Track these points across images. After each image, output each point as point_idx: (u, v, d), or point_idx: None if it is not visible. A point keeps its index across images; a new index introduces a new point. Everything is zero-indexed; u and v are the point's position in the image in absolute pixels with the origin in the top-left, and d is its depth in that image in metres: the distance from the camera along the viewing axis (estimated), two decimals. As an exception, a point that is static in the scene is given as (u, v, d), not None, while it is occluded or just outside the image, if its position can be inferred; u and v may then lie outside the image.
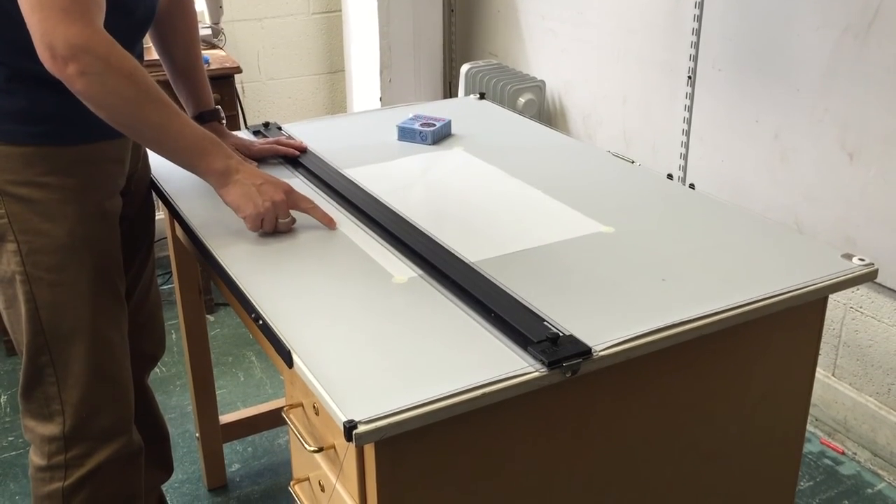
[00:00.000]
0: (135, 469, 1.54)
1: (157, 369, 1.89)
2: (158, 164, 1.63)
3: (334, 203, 1.53)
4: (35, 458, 1.48)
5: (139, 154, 1.57)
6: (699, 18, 2.40)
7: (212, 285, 2.86)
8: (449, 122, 1.88)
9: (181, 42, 1.64)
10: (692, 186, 1.63)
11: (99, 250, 1.42)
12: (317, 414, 1.14)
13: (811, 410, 2.06)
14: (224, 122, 1.72)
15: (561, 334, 1.09)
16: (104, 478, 1.48)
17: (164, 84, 2.53)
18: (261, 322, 1.16)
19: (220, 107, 1.72)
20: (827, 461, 2.26)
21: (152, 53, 1.74)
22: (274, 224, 1.39)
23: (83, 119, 1.32)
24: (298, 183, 1.61)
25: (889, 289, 2.11)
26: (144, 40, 1.52)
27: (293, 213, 1.42)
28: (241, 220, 1.38)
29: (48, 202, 1.35)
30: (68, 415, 1.44)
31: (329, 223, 1.43)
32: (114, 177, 1.46)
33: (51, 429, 1.45)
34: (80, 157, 1.38)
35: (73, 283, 1.39)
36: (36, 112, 1.33)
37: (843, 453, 2.28)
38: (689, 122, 2.51)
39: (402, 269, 1.29)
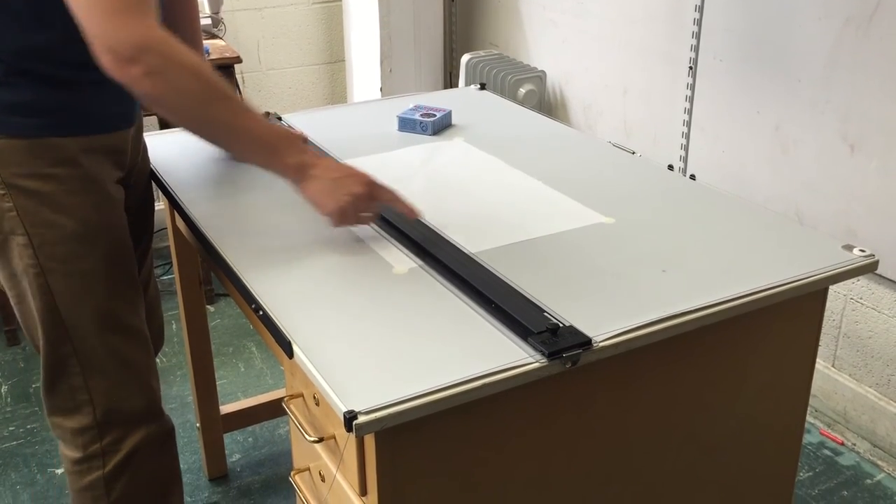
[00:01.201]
0: (170, 450, 1.55)
1: (157, 359, 1.90)
2: (158, 155, 1.62)
3: (334, 193, 1.52)
4: (68, 453, 1.46)
5: (139, 147, 1.56)
6: (700, 9, 2.39)
7: (212, 276, 2.86)
8: (449, 113, 1.88)
9: (183, 33, 1.63)
10: (693, 177, 1.63)
11: (111, 237, 1.41)
12: (317, 404, 1.14)
13: (811, 401, 2.06)
14: None
15: (561, 325, 1.09)
16: (142, 460, 1.48)
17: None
18: (261, 312, 1.16)
19: None
20: (826, 452, 2.26)
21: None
22: (355, 218, 1.33)
23: (86, 110, 1.31)
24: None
25: (889, 280, 2.11)
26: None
27: None
28: (236, 208, 1.38)
29: (57, 193, 1.33)
30: (98, 402, 1.42)
31: (411, 214, 1.36)
32: (117, 167, 1.45)
33: (80, 420, 1.43)
34: (85, 147, 1.36)
35: (89, 271, 1.38)
36: (40, 104, 1.31)
37: (842, 444, 2.28)
38: (689, 112, 2.50)
39: (402, 260, 1.29)
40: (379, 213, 1.36)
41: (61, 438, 1.47)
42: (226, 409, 2.13)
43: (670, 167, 1.68)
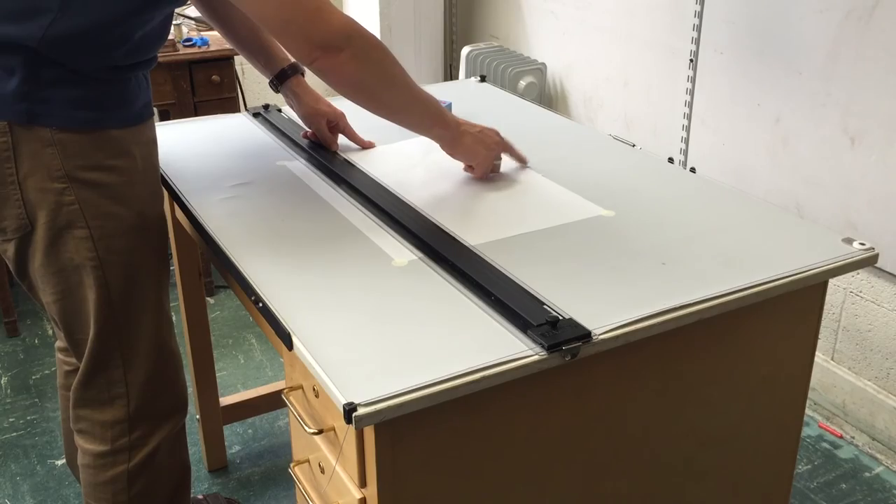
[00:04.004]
0: (185, 442, 1.60)
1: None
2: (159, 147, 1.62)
3: (334, 186, 1.52)
4: (92, 446, 1.47)
5: None
6: (701, 1, 2.39)
7: (212, 268, 2.86)
8: (450, 105, 1.87)
9: (238, 13, 1.62)
10: (693, 170, 1.63)
11: (160, 228, 1.44)
12: (317, 396, 1.14)
13: (810, 394, 2.07)
14: (304, 75, 1.70)
15: (561, 318, 1.09)
16: (164, 453, 1.50)
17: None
18: (261, 305, 1.16)
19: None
20: (825, 445, 2.26)
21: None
22: (493, 166, 1.54)
23: (132, 102, 1.34)
24: (299, 166, 1.61)
25: (889, 273, 2.11)
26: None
27: None
28: (236, 200, 1.37)
29: (117, 184, 1.34)
30: (133, 396, 1.44)
31: (522, 161, 1.60)
32: (156, 154, 1.47)
33: (112, 413, 1.45)
34: (137, 138, 1.37)
35: (142, 262, 1.40)
36: (101, 98, 1.31)
37: (841, 437, 2.29)
38: (690, 105, 2.50)
39: (401, 252, 1.29)
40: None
41: (86, 432, 1.47)
42: (225, 400, 2.13)
43: (671, 160, 1.69)
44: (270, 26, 1.32)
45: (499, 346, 1.06)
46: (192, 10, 2.80)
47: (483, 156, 1.51)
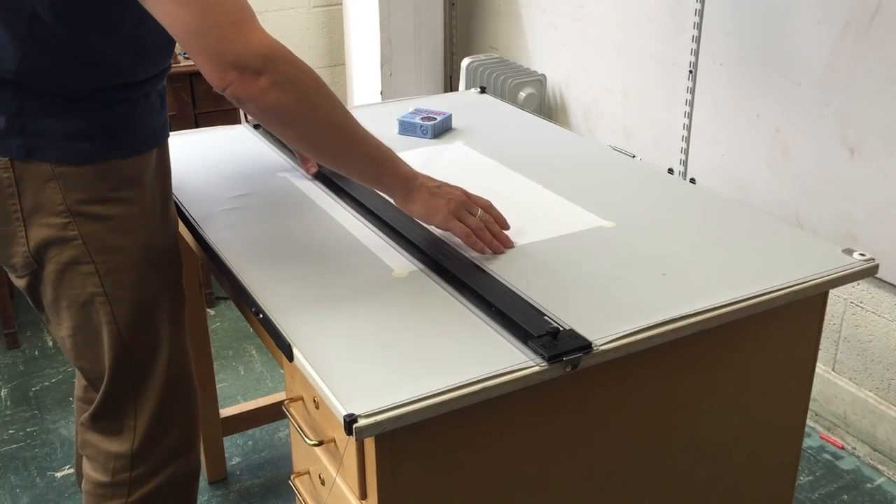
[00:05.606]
0: (194, 488, 1.53)
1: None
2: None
3: (334, 197, 1.52)
4: (94, 474, 1.43)
5: None
6: (700, 13, 2.40)
7: (212, 279, 2.86)
8: (450, 116, 1.88)
9: None
10: (693, 181, 1.63)
11: (172, 258, 1.39)
12: (317, 407, 1.14)
13: (811, 405, 2.06)
14: None
15: (561, 328, 1.09)
16: (167, 495, 1.45)
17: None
18: (261, 316, 1.16)
19: None
20: (826, 456, 2.26)
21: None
22: (459, 222, 1.31)
23: (142, 127, 1.29)
24: (299, 177, 1.61)
25: (889, 284, 2.11)
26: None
27: None
28: (237, 211, 1.37)
29: (125, 217, 1.28)
30: (140, 432, 1.40)
31: (504, 225, 1.37)
32: (170, 179, 1.42)
33: (118, 445, 1.40)
34: (146, 165, 1.31)
35: (153, 297, 1.34)
36: (102, 128, 1.25)
37: (842, 448, 2.28)
38: (689, 116, 2.50)
39: (402, 264, 1.29)
40: (482, 221, 1.33)
41: (92, 458, 1.44)
42: (225, 412, 2.13)
43: (670, 171, 1.69)
44: (180, 39, 1.13)
45: (499, 357, 1.06)
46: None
47: (444, 212, 1.30)
